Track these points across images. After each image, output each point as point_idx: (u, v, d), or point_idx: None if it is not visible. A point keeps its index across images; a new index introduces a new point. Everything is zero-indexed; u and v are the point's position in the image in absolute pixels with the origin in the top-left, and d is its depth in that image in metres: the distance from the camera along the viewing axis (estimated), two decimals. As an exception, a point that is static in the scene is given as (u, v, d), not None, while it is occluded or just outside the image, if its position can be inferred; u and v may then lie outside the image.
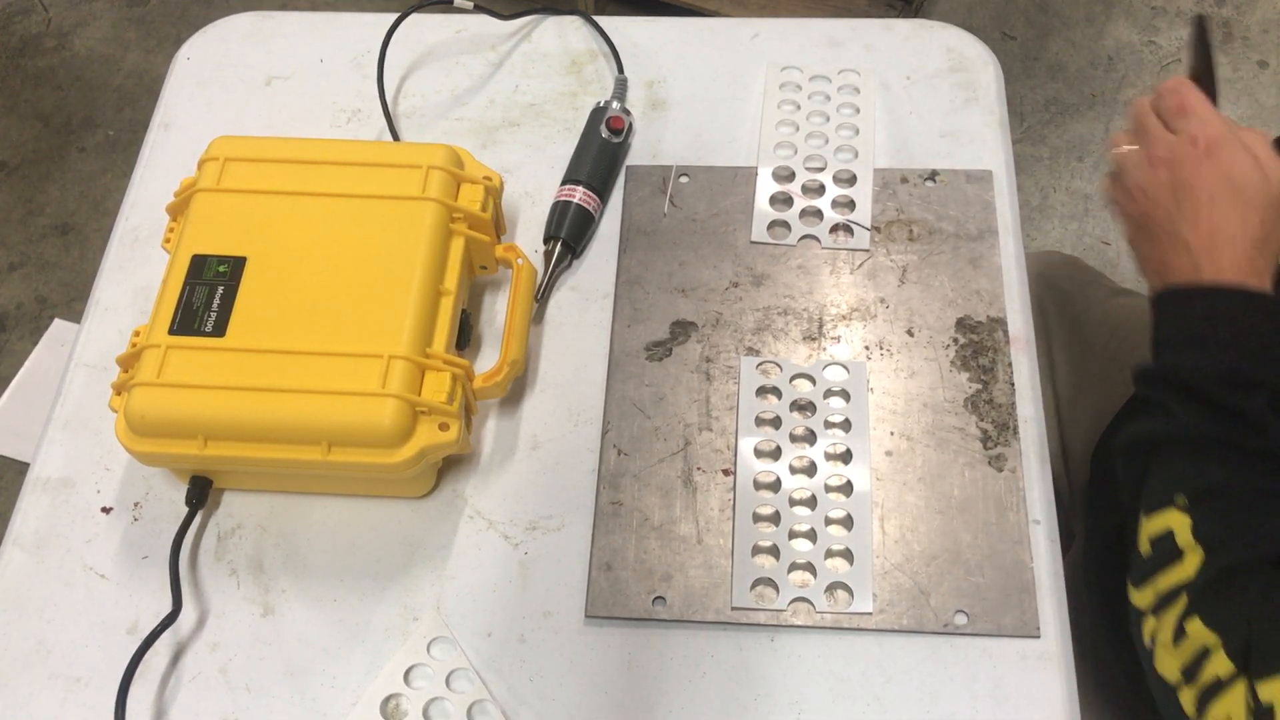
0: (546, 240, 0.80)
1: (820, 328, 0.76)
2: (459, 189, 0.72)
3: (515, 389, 0.75)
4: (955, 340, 0.75)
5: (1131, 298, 0.99)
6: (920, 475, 0.70)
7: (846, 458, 0.70)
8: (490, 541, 0.70)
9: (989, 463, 0.70)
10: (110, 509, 0.71)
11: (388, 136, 0.86)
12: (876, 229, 0.79)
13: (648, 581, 0.67)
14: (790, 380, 0.73)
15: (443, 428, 0.65)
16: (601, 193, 0.81)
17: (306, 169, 0.72)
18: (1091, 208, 1.74)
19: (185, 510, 0.69)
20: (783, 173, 0.82)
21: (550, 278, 0.78)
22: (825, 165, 0.82)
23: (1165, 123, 0.64)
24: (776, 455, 0.70)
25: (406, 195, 0.70)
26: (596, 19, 0.91)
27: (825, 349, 0.75)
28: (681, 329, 0.76)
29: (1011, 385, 0.73)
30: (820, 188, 0.81)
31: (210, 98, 0.89)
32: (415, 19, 0.91)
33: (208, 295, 0.67)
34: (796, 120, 0.85)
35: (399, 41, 0.89)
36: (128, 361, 0.67)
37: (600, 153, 0.82)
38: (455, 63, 0.91)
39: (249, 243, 0.68)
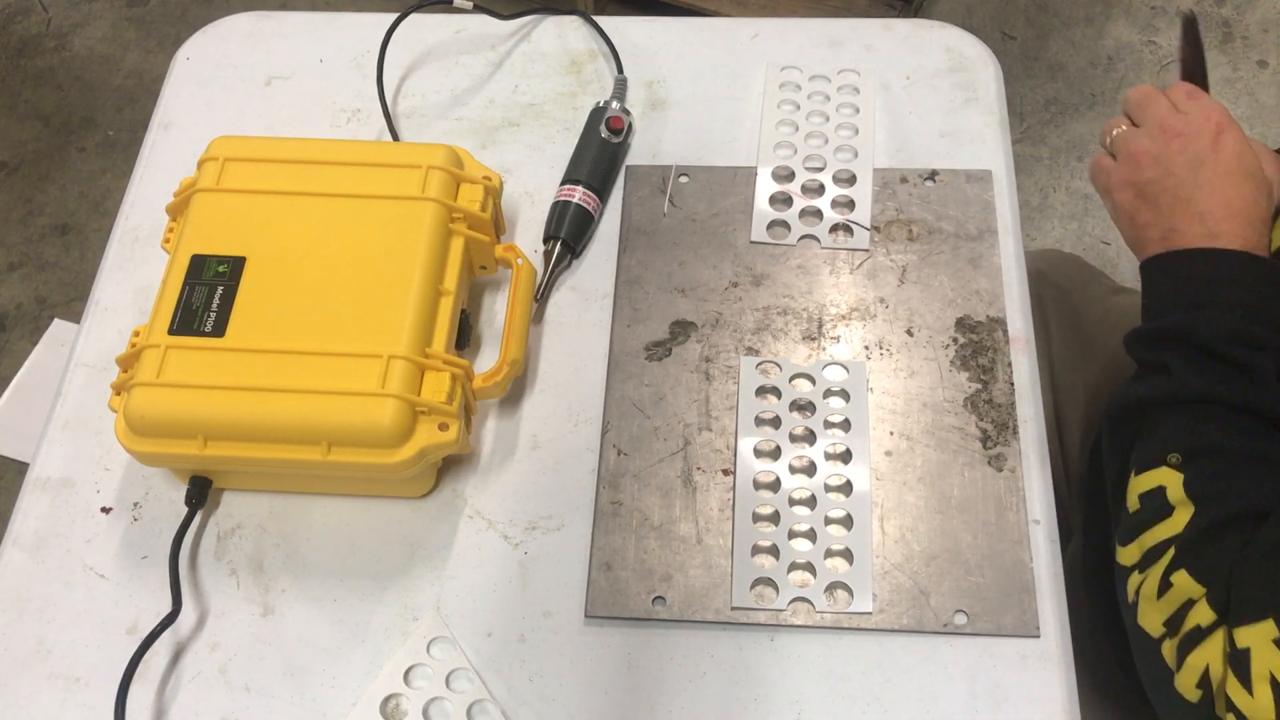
0: (546, 240, 0.80)
1: (820, 328, 0.76)
2: (459, 189, 0.72)
3: (515, 389, 0.75)
4: (955, 340, 0.75)
5: (1131, 295, 0.99)
6: (920, 475, 0.70)
7: (846, 457, 0.70)
8: (490, 541, 0.70)
9: (989, 462, 0.70)
10: (110, 509, 0.71)
11: (388, 136, 0.86)
12: (876, 229, 0.79)
13: (648, 581, 0.67)
14: (790, 380, 0.73)
15: (442, 428, 0.65)
16: (601, 193, 0.81)
17: (306, 169, 0.72)
18: (1091, 208, 1.74)
19: (185, 510, 0.69)
20: (782, 173, 0.82)
21: (550, 278, 0.78)
22: (825, 165, 0.82)
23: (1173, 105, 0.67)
24: (776, 455, 0.70)
25: (406, 195, 0.70)
26: (596, 19, 0.91)
27: (825, 349, 0.75)
28: (681, 329, 0.76)
29: (1011, 385, 0.73)
30: (820, 188, 0.81)
31: (210, 98, 0.89)
32: (415, 19, 0.91)
33: (207, 295, 0.67)
34: (796, 120, 0.85)
35: (399, 41, 0.89)
36: (127, 361, 0.67)
37: (600, 153, 0.82)
38: (455, 63, 0.91)
39: (249, 243, 0.69)
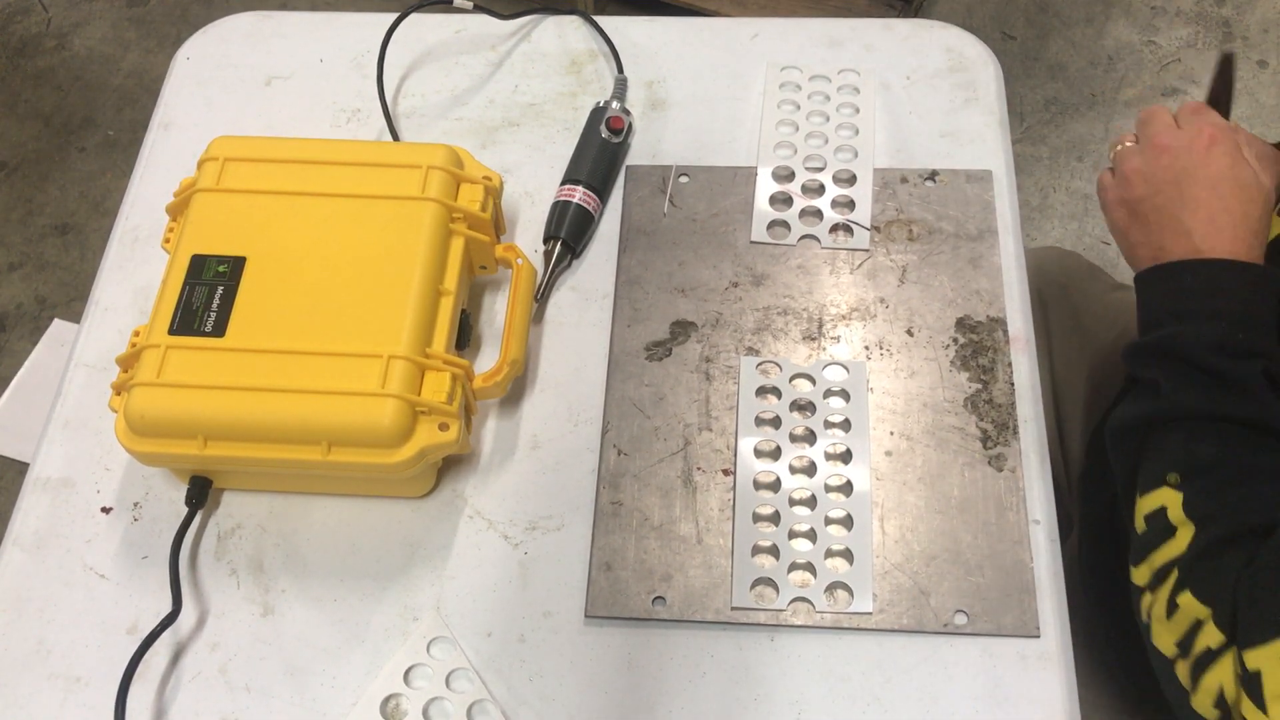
0: (546, 240, 0.80)
1: (820, 328, 0.76)
2: (459, 189, 0.72)
3: (515, 389, 0.75)
4: (955, 340, 0.75)
5: (1131, 292, 0.99)
6: (920, 475, 0.70)
7: (846, 458, 0.70)
8: (490, 541, 0.70)
9: (989, 463, 0.70)
10: (110, 509, 0.71)
11: (388, 136, 0.86)
12: (876, 229, 0.79)
13: (648, 581, 0.67)
14: (790, 380, 0.73)
15: (442, 428, 0.65)
16: (601, 193, 0.81)
17: (306, 169, 0.72)
18: (1091, 208, 1.74)
19: (185, 510, 0.69)
20: (782, 173, 0.82)
21: (550, 278, 0.78)
22: (825, 165, 0.82)
23: (1175, 120, 0.67)
24: (776, 455, 0.70)
25: (406, 195, 0.70)
26: (596, 19, 0.91)
27: (825, 349, 0.75)
28: (681, 329, 0.76)
29: (1011, 385, 0.73)
30: (820, 188, 0.81)
31: (210, 98, 0.89)
32: (415, 19, 0.91)
33: (207, 295, 0.67)
34: (796, 120, 0.85)
35: (399, 41, 0.89)
36: (127, 361, 0.67)
37: (600, 153, 0.82)
38: (455, 63, 0.91)
39: (249, 243, 0.68)
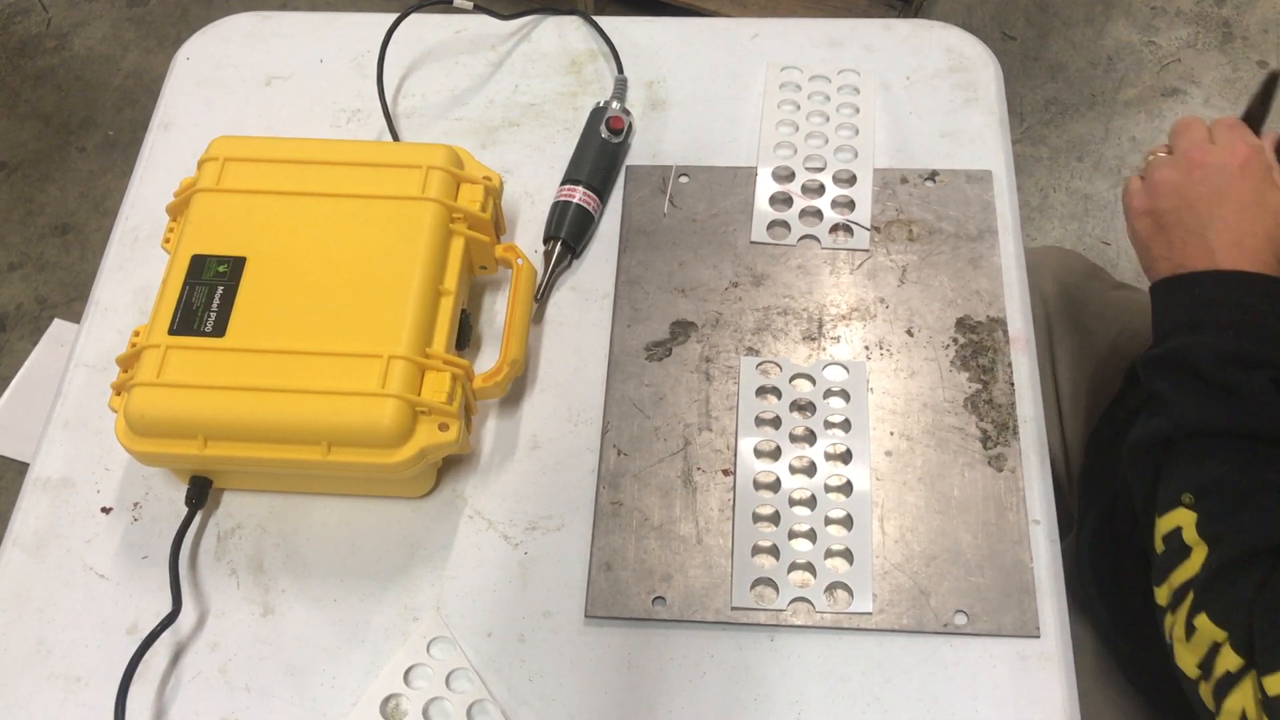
0: (546, 240, 0.80)
1: (820, 328, 0.76)
2: (459, 189, 0.72)
3: (515, 389, 0.75)
4: (955, 340, 0.75)
5: (1132, 291, 1.00)
6: (920, 475, 0.70)
7: (846, 458, 0.70)
8: (490, 541, 0.70)
9: (989, 463, 0.70)
10: (110, 509, 0.71)
11: (388, 136, 0.86)
12: (876, 229, 0.79)
13: (648, 581, 0.67)
14: (790, 380, 0.73)
15: (442, 428, 0.65)
16: (601, 193, 0.81)
17: (306, 169, 0.72)
18: (1091, 208, 1.74)
19: (185, 510, 0.69)
20: (782, 173, 0.82)
21: (550, 278, 0.78)
22: (825, 165, 0.82)
23: (1209, 133, 0.68)
24: (776, 455, 0.70)
25: (406, 195, 0.70)
26: (596, 19, 0.91)
27: (825, 349, 0.75)
28: (681, 329, 0.76)
29: (1011, 385, 0.73)
30: (820, 188, 0.81)
31: (210, 98, 0.89)
32: (415, 19, 0.91)
33: (207, 295, 0.67)
34: (796, 120, 0.85)
35: (399, 41, 0.89)
36: (127, 361, 0.67)
37: (600, 153, 0.82)
38: (455, 63, 0.91)
39: (249, 243, 0.69)
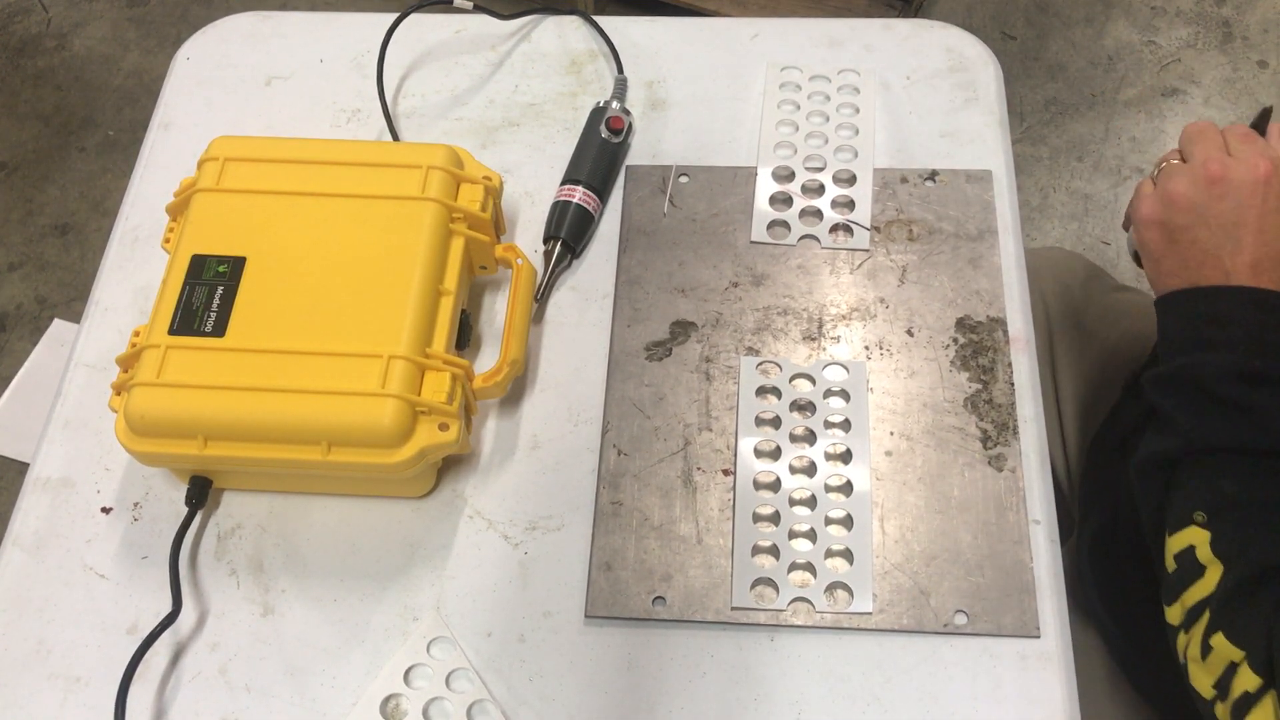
0: (546, 240, 0.80)
1: (820, 328, 0.76)
2: (459, 189, 0.72)
3: (515, 389, 0.75)
4: (955, 340, 0.75)
5: (1132, 293, 0.99)
6: (920, 475, 0.70)
7: (846, 458, 0.70)
8: (490, 541, 0.70)
9: (989, 463, 0.70)
10: (110, 509, 0.71)
11: (388, 136, 0.86)
12: (876, 229, 0.79)
13: (648, 581, 0.67)
14: (790, 380, 0.73)
15: (442, 428, 0.65)
16: (601, 193, 0.81)
17: (306, 169, 0.72)
18: (1091, 208, 1.74)
19: (185, 510, 0.69)
20: (782, 173, 0.82)
21: (550, 278, 0.78)
22: (825, 165, 0.82)
23: (1225, 143, 0.64)
24: (776, 455, 0.70)
25: (406, 195, 0.70)
26: (596, 19, 0.91)
27: (825, 349, 0.75)
28: (681, 329, 0.76)
29: (1011, 385, 0.73)
30: (820, 188, 0.81)
31: (210, 98, 0.89)
32: (415, 19, 0.91)
33: (208, 295, 0.67)
34: (796, 120, 0.85)
35: (399, 41, 0.89)
36: (127, 361, 0.67)
37: (600, 153, 0.82)
38: (455, 63, 0.91)
39: (249, 243, 0.69)
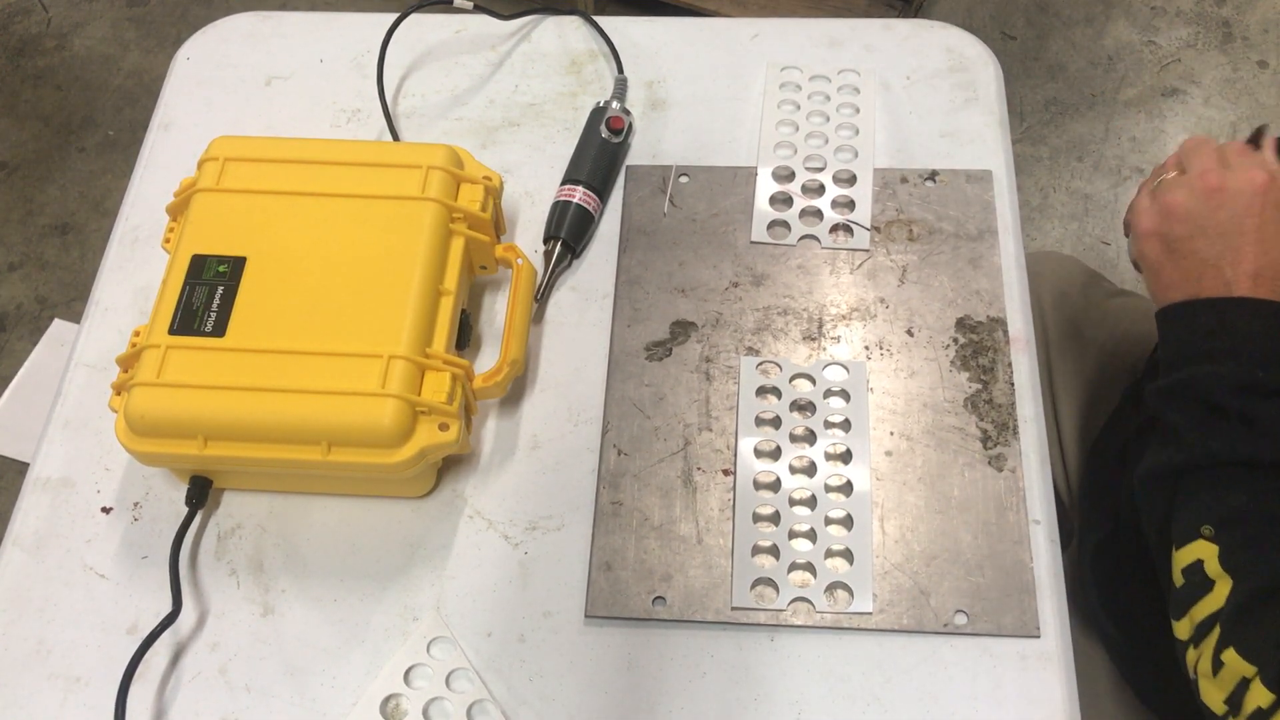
0: (546, 240, 0.80)
1: (820, 328, 0.76)
2: (459, 189, 0.72)
3: (515, 389, 0.75)
4: (955, 340, 0.75)
5: (1130, 298, 0.99)
6: (920, 475, 0.70)
7: (846, 458, 0.70)
8: (490, 541, 0.70)
9: (989, 463, 0.70)
10: (110, 509, 0.71)
11: (388, 136, 0.86)
12: (876, 229, 0.79)
13: (648, 581, 0.67)
14: (790, 380, 0.73)
15: (443, 428, 0.65)
16: (601, 193, 0.81)
17: (306, 169, 0.72)
18: (1091, 208, 1.74)
19: (185, 510, 0.69)
20: (783, 173, 0.82)
21: (550, 278, 0.78)
22: (825, 165, 0.82)
23: (1223, 156, 0.65)
24: (776, 455, 0.70)
25: (406, 195, 0.70)
26: (596, 19, 0.91)
27: (825, 349, 0.75)
28: (681, 329, 0.76)
29: (1011, 385, 0.73)
30: (820, 188, 0.81)
31: (210, 98, 0.89)
32: (415, 19, 0.91)
33: (208, 295, 0.67)
34: (796, 120, 0.85)
35: (399, 41, 0.89)
36: (128, 361, 0.67)
37: (600, 153, 0.82)
38: (455, 63, 0.91)
39: (249, 243, 0.69)
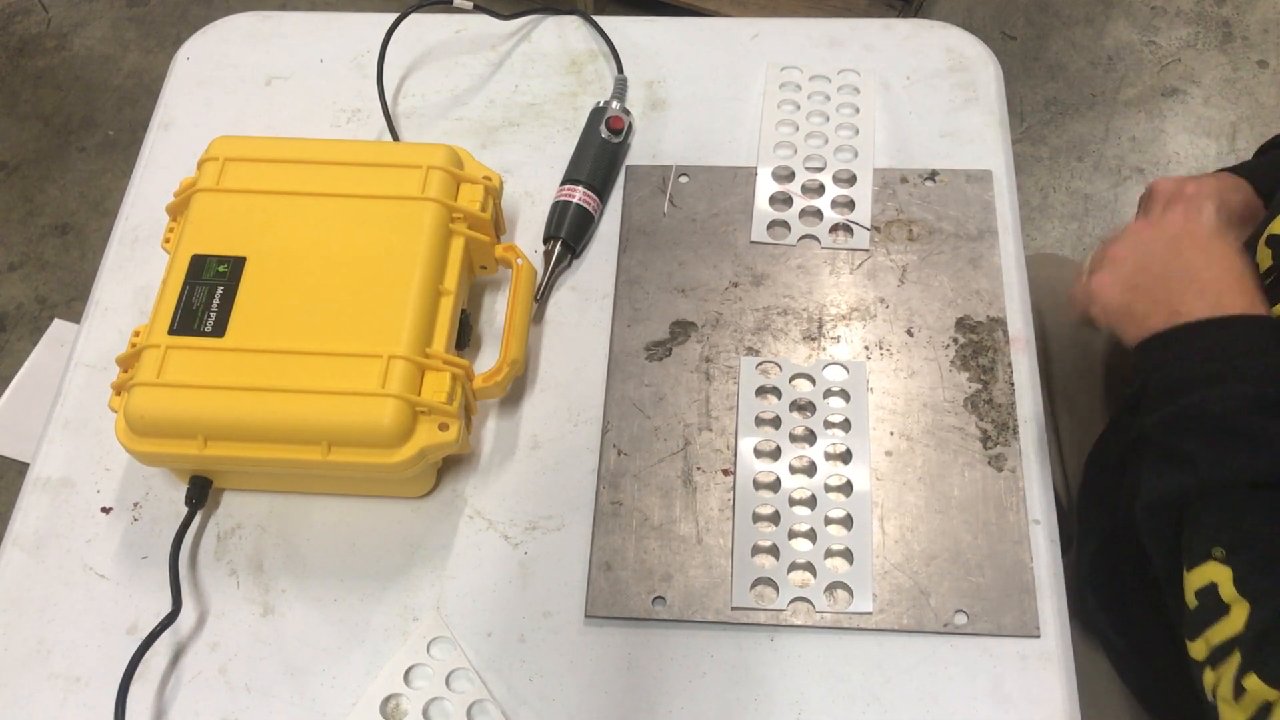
0: (546, 240, 0.80)
1: (820, 328, 0.76)
2: (459, 189, 0.72)
3: (515, 389, 0.75)
4: (955, 340, 0.75)
5: None
6: (920, 475, 0.70)
7: (846, 458, 0.70)
8: (490, 541, 0.70)
9: (989, 463, 0.70)
10: (110, 509, 0.71)
11: (388, 136, 0.86)
12: (876, 229, 0.79)
13: (648, 581, 0.67)
14: (790, 380, 0.73)
15: (442, 428, 0.65)
16: (601, 193, 0.81)
17: (306, 169, 0.72)
18: (1091, 208, 1.74)
19: (185, 510, 0.69)
20: (782, 173, 0.82)
21: (550, 278, 0.78)
22: (825, 165, 0.82)
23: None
24: (776, 455, 0.70)
25: (406, 195, 0.70)
26: (596, 19, 0.91)
27: (825, 349, 0.75)
28: (681, 329, 0.76)
29: (1011, 385, 0.73)
30: (820, 188, 0.81)
31: (210, 98, 0.89)
32: (415, 19, 0.91)
33: (207, 295, 0.67)
34: (796, 120, 0.85)
35: (399, 41, 0.89)
36: (127, 361, 0.67)
37: (600, 153, 0.82)
38: (455, 63, 0.91)
39: (249, 243, 0.68)
